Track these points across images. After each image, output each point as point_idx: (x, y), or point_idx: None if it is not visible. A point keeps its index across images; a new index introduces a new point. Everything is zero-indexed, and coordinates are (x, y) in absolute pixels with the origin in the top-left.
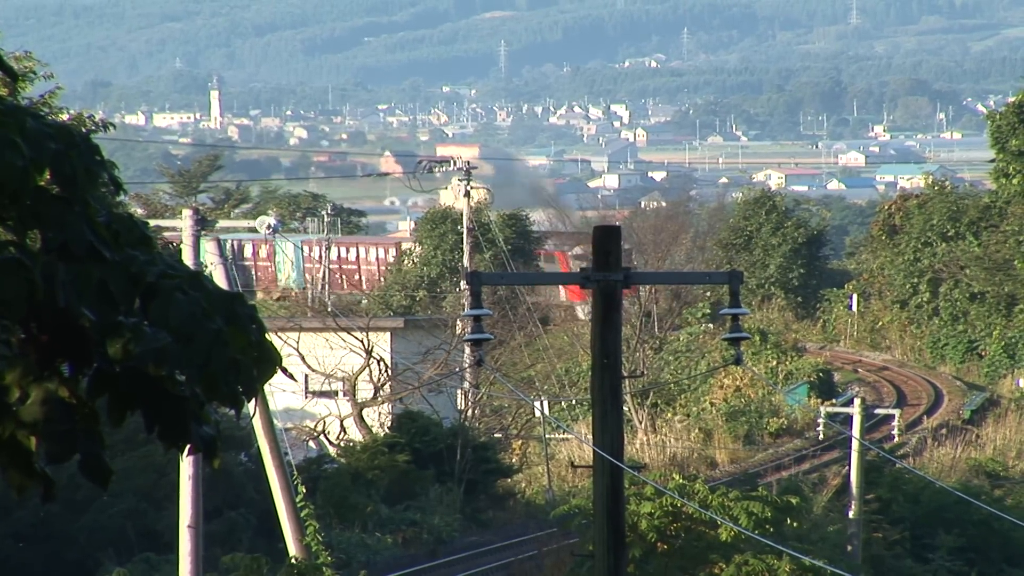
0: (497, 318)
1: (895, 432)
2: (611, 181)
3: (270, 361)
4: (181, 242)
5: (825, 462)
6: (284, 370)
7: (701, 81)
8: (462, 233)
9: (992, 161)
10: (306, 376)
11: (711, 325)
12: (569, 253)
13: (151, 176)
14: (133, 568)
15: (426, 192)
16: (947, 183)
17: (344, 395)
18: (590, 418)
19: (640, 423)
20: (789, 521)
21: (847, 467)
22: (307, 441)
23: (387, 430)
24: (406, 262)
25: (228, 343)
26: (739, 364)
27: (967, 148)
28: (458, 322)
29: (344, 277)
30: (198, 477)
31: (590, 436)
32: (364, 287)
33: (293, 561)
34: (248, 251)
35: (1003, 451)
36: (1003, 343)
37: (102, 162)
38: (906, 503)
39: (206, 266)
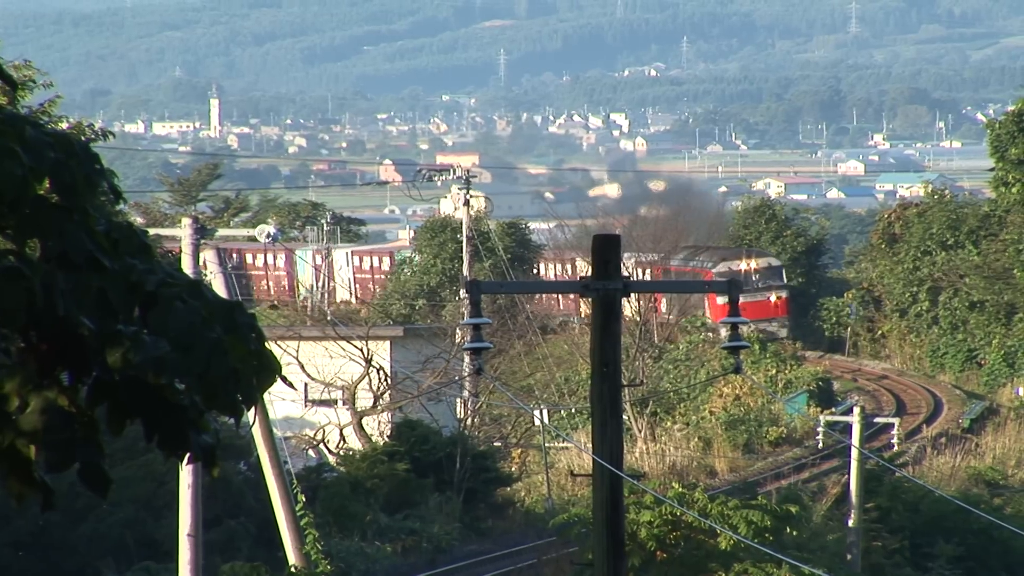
0: (496, 327)
1: (894, 441)
2: (611, 190)
3: (269, 370)
4: (180, 251)
5: (824, 471)
6: (283, 379)
7: (700, 90)
8: (461, 242)
9: (991, 170)
10: (305, 385)
11: (710, 334)
12: (713, 270)
13: (150, 185)
14: None
15: (425, 201)
16: (946, 192)
17: (343, 404)
18: (589, 427)
19: (639, 432)
20: (788, 530)
21: (846, 476)
22: (306, 450)
23: (386, 439)
24: (405, 271)
25: (227, 352)
26: (738, 373)
27: (966, 157)
28: (457, 331)
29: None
30: (197, 486)
31: (589, 445)
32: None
33: (292, 570)
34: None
35: (1002, 460)
36: (1002, 352)
37: (101, 171)
38: (905, 512)
39: (205, 274)
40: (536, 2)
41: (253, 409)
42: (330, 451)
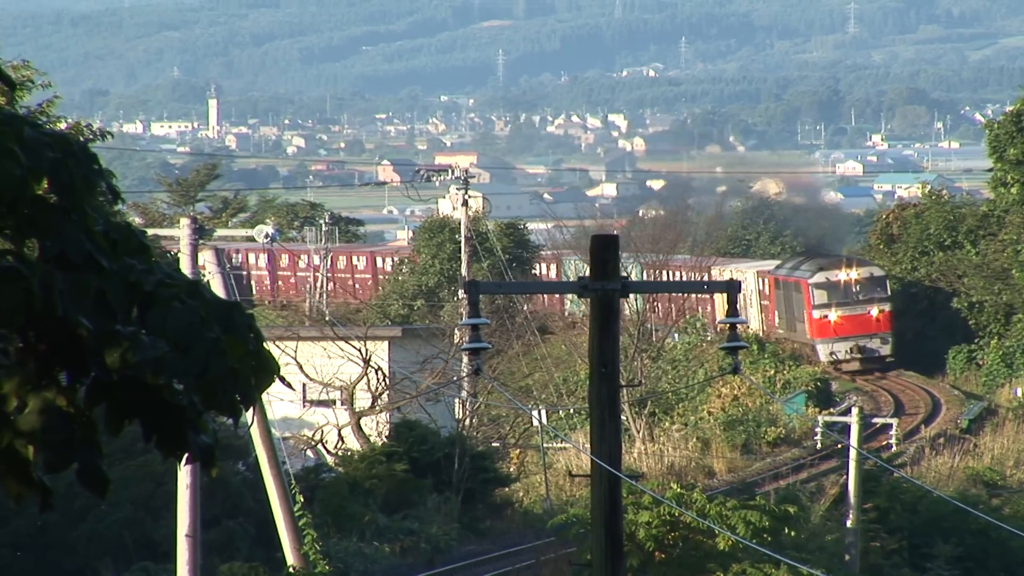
0: (495, 327)
1: (893, 441)
2: (609, 190)
3: (268, 370)
4: (179, 251)
5: (823, 471)
6: (282, 379)
7: (699, 91)
8: (460, 242)
9: (990, 170)
10: (304, 385)
11: (708, 334)
12: (809, 281)
13: (149, 185)
14: None
15: (424, 201)
16: (945, 192)
17: (342, 404)
18: (588, 427)
19: (638, 432)
20: (787, 530)
21: (845, 476)
22: (305, 450)
23: (385, 439)
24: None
25: (226, 352)
26: (737, 373)
27: (965, 157)
28: (456, 331)
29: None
30: (196, 486)
31: (588, 445)
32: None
33: (291, 570)
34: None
35: (1001, 460)
36: (1001, 352)
37: (100, 171)
38: (904, 512)
39: (204, 274)
40: (534, 2)
41: (251, 409)
42: (328, 451)
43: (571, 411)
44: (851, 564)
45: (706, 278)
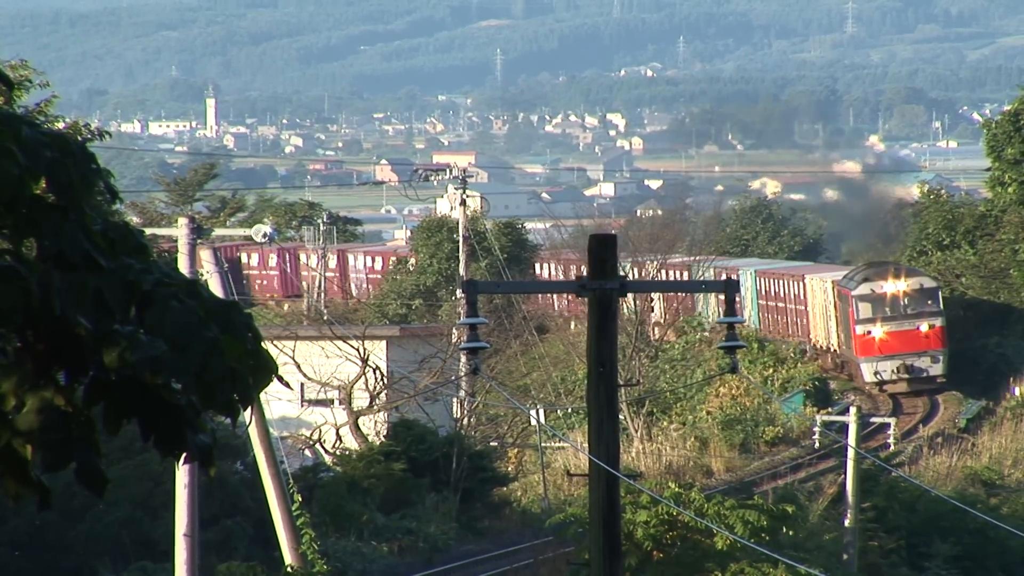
0: (493, 327)
1: (891, 441)
2: (607, 189)
3: (266, 369)
4: (177, 250)
5: (821, 471)
6: (280, 378)
7: (697, 90)
8: (458, 242)
9: (988, 170)
10: (302, 385)
11: (707, 333)
12: (853, 292)
13: (147, 184)
14: None
15: (422, 201)
16: (943, 192)
17: (340, 404)
18: (586, 427)
19: (636, 432)
20: (785, 530)
21: (843, 476)
22: (303, 450)
23: (383, 439)
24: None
25: (224, 351)
26: (735, 373)
27: (963, 157)
28: (454, 331)
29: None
30: (194, 485)
31: (586, 445)
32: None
33: (289, 570)
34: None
35: (999, 460)
36: (1000, 352)
37: (98, 170)
38: (902, 511)
39: (202, 274)
40: (533, 2)
41: (250, 409)
42: (326, 451)
43: (569, 410)
44: (849, 563)
45: (800, 286)
